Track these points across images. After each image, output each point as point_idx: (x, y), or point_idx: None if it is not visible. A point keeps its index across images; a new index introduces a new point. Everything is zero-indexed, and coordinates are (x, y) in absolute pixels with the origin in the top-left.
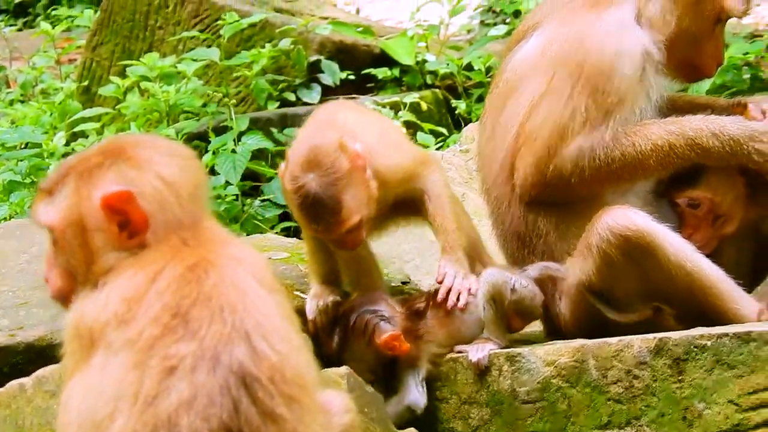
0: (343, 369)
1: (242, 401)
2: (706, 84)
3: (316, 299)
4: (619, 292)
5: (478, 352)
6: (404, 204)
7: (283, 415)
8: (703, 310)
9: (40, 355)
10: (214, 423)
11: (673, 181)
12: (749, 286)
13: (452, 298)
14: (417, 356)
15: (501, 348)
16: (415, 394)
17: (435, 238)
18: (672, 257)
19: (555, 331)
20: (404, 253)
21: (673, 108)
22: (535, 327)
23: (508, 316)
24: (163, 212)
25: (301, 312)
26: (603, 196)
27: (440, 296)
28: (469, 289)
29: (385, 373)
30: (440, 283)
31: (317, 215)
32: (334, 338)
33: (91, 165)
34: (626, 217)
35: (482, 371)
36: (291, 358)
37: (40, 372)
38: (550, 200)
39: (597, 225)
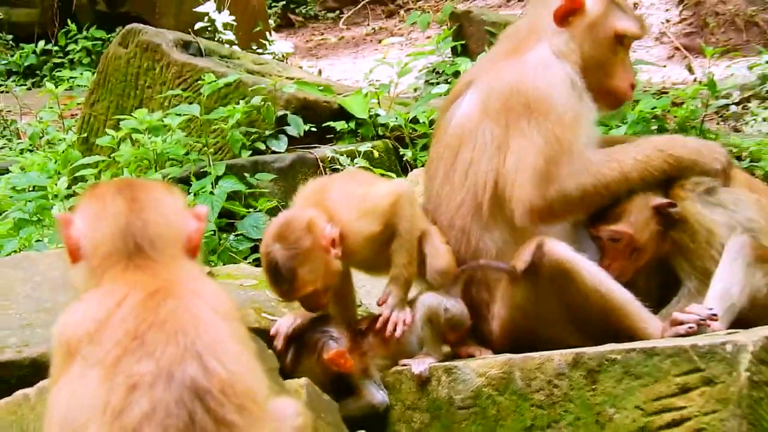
0: (303, 380)
1: (197, 411)
2: (619, 133)
3: (286, 320)
4: (542, 313)
5: (419, 365)
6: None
7: (234, 422)
8: (615, 328)
9: (42, 368)
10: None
11: (597, 218)
12: (656, 308)
13: (389, 328)
14: (366, 367)
15: (439, 361)
16: (379, 395)
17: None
18: (588, 282)
19: (487, 347)
20: (357, 281)
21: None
22: None
23: (444, 332)
24: (95, 241)
25: (264, 332)
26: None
27: (378, 325)
28: (405, 320)
29: (336, 384)
30: (380, 305)
31: (276, 281)
32: (288, 355)
33: (81, 195)
34: (549, 246)
35: (423, 382)
36: (240, 374)
37: (42, 383)
38: (554, 221)
39: (524, 253)
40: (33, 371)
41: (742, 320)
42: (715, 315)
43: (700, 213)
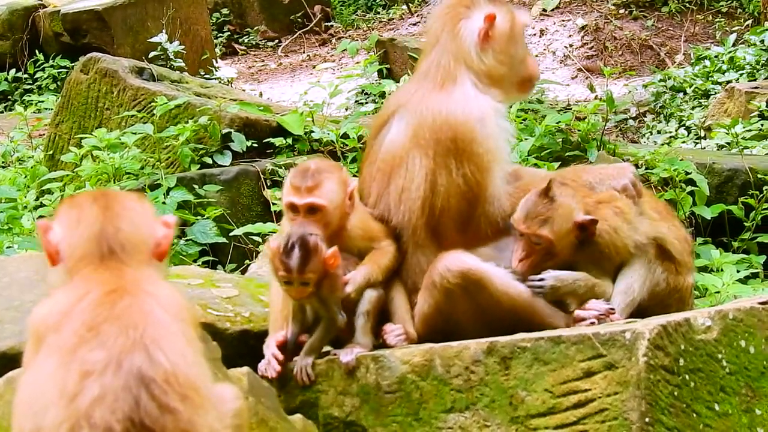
0: (245, 369)
1: (142, 397)
2: (527, 144)
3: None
4: (458, 317)
5: (347, 355)
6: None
7: (177, 408)
8: (524, 325)
9: (11, 360)
10: (120, 415)
11: (527, 217)
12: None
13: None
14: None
15: (368, 351)
16: (340, 316)
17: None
18: (499, 287)
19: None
20: None
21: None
22: None
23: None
24: (72, 245)
25: (209, 326)
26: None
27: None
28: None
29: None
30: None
31: (304, 176)
32: (295, 259)
33: (60, 205)
34: (459, 260)
35: (351, 370)
36: (183, 366)
37: (10, 373)
38: (470, 248)
39: (438, 266)
40: (2, 363)
41: (641, 311)
42: (612, 309)
43: (613, 234)
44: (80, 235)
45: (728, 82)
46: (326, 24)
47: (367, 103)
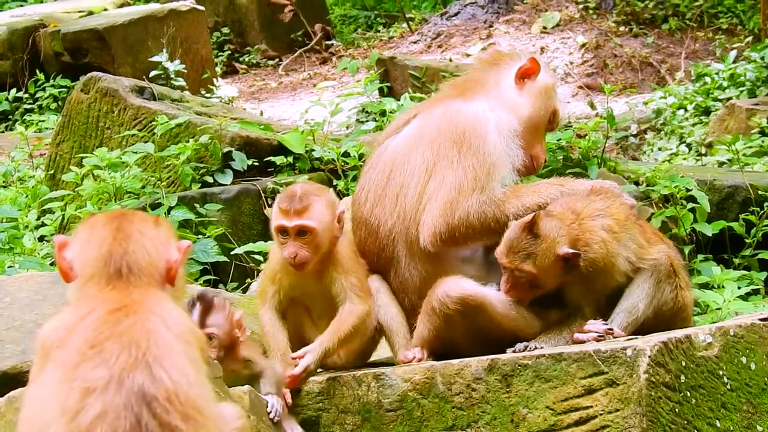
0: (246, 387)
1: (143, 415)
2: None
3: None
4: (458, 341)
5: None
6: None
7: (179, 427)
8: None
9: (12, 380)
10: None
11: (509, 251)
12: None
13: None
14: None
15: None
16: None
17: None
18: (499, 309)
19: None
20: None
21: None
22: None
23: None
24: (83, 263)
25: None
26: (455, 264)
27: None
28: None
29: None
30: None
31: (291, 199)
32: (195, 313)
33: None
34: (458, 285)
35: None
36: (185, 386)
37: (12, 393)
38: (456, 246)
39: (436, 292)
40: (3, 382)
41: (645, 328)
42: (611, 329)
43: (602, 246)
44: (90, 254)
45: (729, 98)
46: (327, 42)
47: (367, 121)
